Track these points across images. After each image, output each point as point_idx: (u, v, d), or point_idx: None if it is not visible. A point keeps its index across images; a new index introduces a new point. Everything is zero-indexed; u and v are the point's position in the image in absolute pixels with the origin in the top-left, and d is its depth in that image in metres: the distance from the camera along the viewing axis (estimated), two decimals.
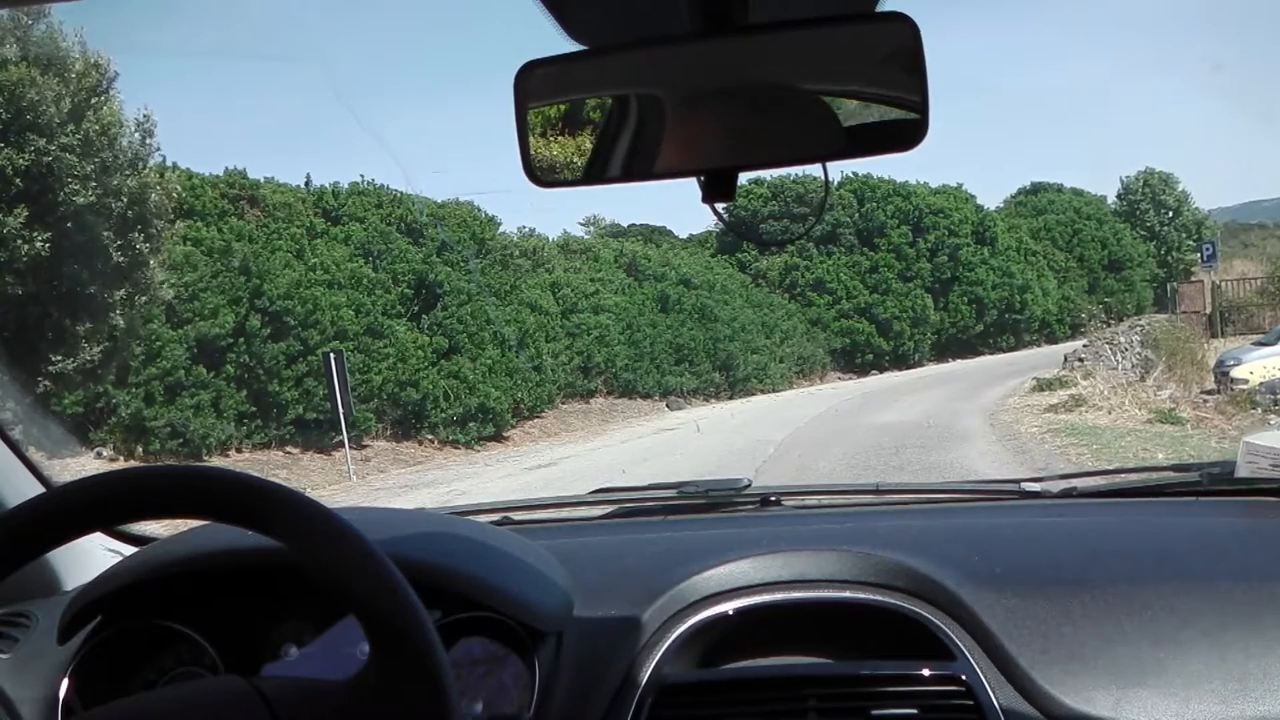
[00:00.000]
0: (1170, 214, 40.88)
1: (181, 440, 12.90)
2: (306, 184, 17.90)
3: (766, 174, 24.21)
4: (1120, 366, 17.14)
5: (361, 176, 18.94)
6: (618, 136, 0.94)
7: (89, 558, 1.50)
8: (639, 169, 0.94)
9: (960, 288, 30.15)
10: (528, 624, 1.20)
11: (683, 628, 1.26)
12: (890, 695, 1.16)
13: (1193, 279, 31.45)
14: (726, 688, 1.23)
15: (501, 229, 20.12)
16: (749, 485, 1.75)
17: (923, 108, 0.87)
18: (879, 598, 1.26)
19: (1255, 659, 1.12)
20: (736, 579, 1.30)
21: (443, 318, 17.18)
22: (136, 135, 11.69)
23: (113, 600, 1.23)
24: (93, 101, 10.91)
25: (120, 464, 12.06)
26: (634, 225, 34.27)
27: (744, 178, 1.12)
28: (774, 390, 23.50)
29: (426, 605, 0.81)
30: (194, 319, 13.42)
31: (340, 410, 13.08)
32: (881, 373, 26.85)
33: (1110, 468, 6.65)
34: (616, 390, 20.69)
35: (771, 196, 28.88)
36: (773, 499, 1.71)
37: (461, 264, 17.95)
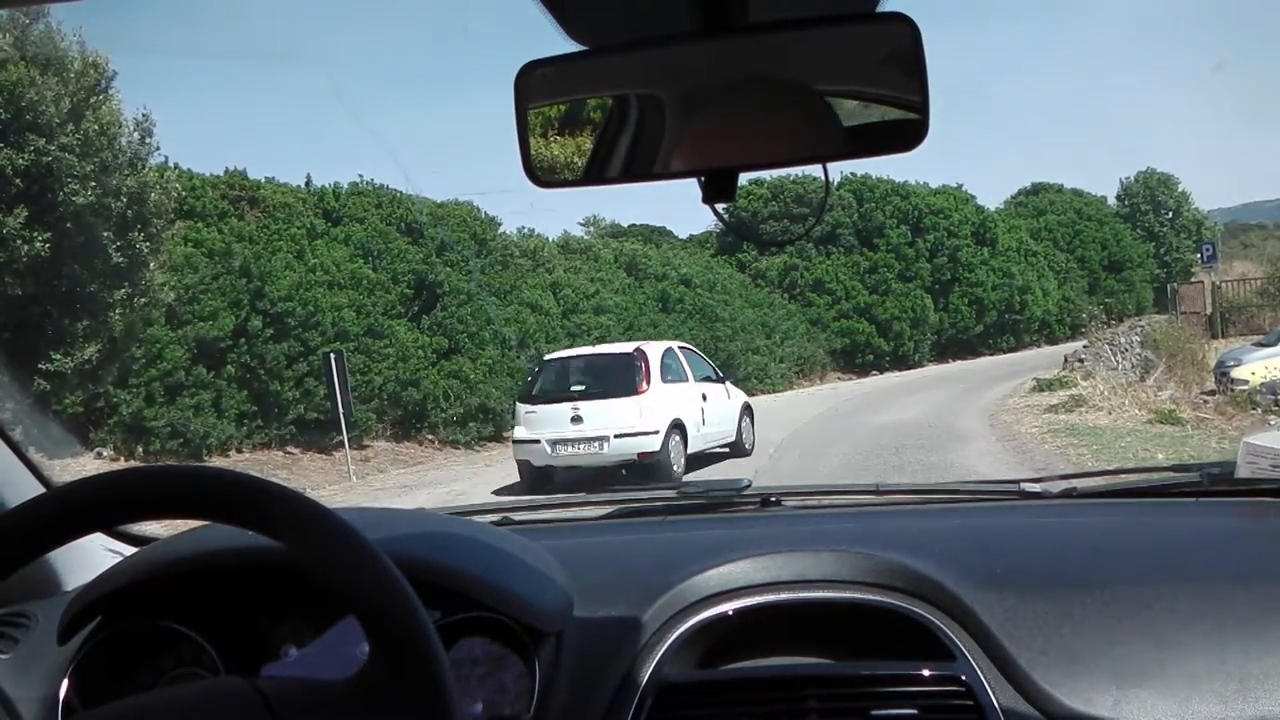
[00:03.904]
0: (1170, 215, 40.90)
1: (182, 440, 12.90)
2: (307, 184, 17.91)
3: (766, 174, 24.21)
4: (1120, 367, 17.15)
5: (361, 176, 18.95)
6: (618, 137, 0.94)
7: (89, 558, 1.50)
8: (639, 169, 0.94)
9: (960, 288, 30.14)
10: (528, 624, 1.20)
11: (683, 628, 1.26)
12: (890, 695, 1.16)
13: (1193, 280, 31.50)
14: (727, 688, 1.23)
15: (501, 229, 20.14)
16: (749, 485, 1.75)
17: (923, 108, 0.87)
18: (879, 598, 1.26)
19: (1255, 660, 1.12)
20: (737, 579, 1.30)
21: (443, 318, 17.17)
22: (136, 135, 11.71)
23: (112, 601, 1.23)
24: (91, 101, 10.92)
25: (120, 464, 12.05)
26: (634, 225, 34.25)
27: (744, 178, 1.12)
28: (774, 390, 23.49)
29: (426, 605, 0.81)
30: (194, 320, 13.42)
31: (340, 410, 13.08)
32: (881, 373, 26.84)
33: (1110, 468, 6.64)
34: None
35: (771, 197, 28.87)
36: (773, 499, 1.71)
37: (461, 264, 17.94)
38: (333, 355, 13.22)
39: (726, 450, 12.15)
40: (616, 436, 10.61)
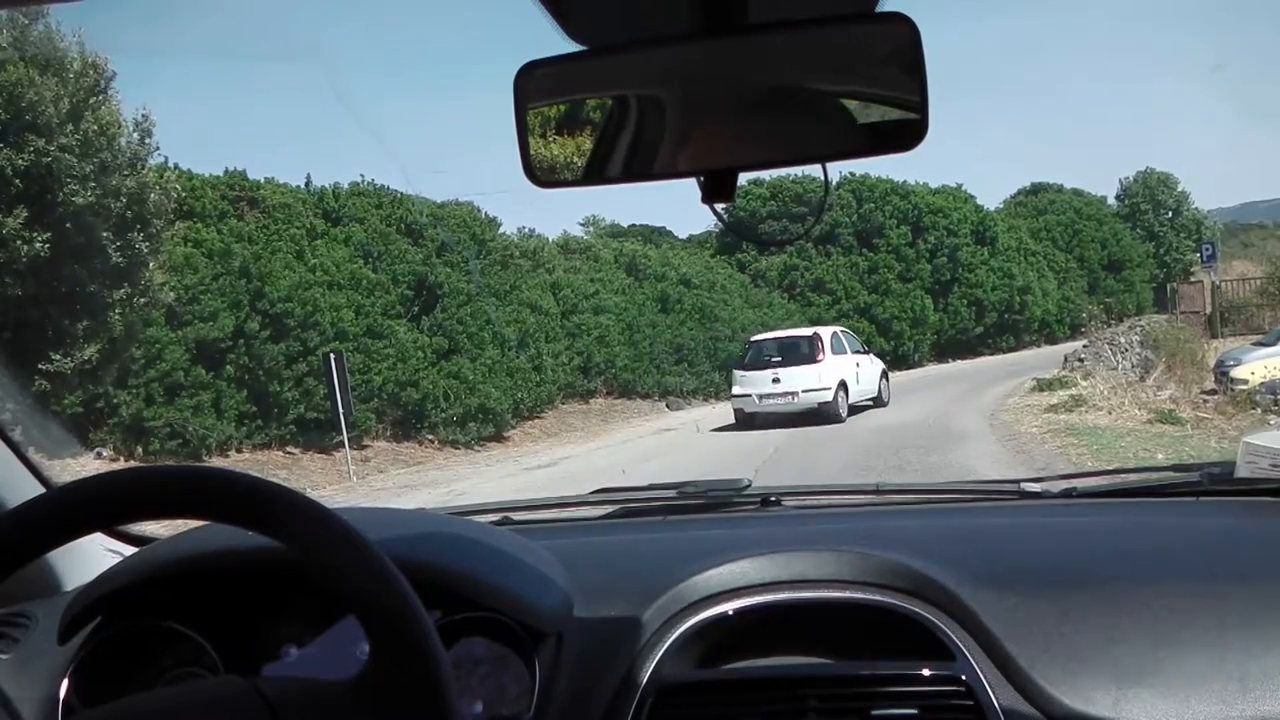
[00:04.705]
0: (1170, 214, 40.92)
1: (181, 441, 12.90)
2: (306, 184, 17.87)
3: (766, 174, 24.21)
4: (1120, 367, 17.13)
5: (361, 177, 18.89)
6: (617, 137, 0.94)
7: (89, 558, 1.50)
8: (639, 169, 0.94)
9: (960, 288, 30.12)
10: (528, 624, 1.20)
11: (683, 628, 1.26)
12: (890, 695, 1.16)
13: (1192, 279, 31.45)
14: (726, 688, 1.23)
15: (501, 229, 20.12)
16: (749, 485, 1.75)
17: (922, 108, 0.87)
18: (879, 598, 1.26)
19: (1255, 659, 1.12)
20: (736, 579, 1.30)
21: (443, 318, 17.17)
22: (135, 135, 11.70)
23: (113, 600, 1.23)
24: (91, 101, 10.91)
25: (120, 464, 12.05)
26: (634, 225, 34.28)
27: (744, 178, 1.12)
28: None
29: (426, 605, 0.81)
30: (194, 321, 13.41)
31: (340, 410, 13.07)
32: None
33: (1110, 468, 6.64)
34: (616, 390, 20.68)
35: (771, 196, 28.86)
36: (773, 499, 1.71)
37: (462, 264, 17.94)
38: (333, 355, 13.22)
39: (871, 403, 16.76)
40: (803, 391, 15.43)
